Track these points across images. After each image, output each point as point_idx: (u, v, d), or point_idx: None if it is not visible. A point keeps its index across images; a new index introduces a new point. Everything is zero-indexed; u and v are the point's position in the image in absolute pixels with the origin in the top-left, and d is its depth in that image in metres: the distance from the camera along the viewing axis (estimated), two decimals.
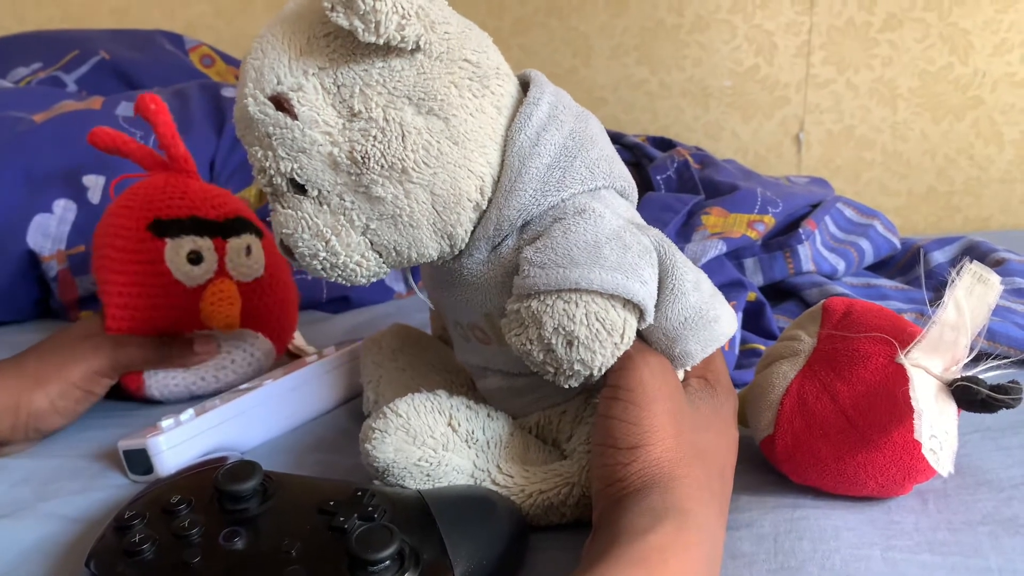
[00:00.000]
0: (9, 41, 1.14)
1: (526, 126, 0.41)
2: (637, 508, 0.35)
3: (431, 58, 0.39)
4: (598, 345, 0.38)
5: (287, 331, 0.66)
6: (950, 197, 1.19)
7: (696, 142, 1.24)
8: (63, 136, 0.81)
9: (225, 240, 0.60)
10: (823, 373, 0.44)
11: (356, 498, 0.39)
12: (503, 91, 0.42)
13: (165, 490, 0.40)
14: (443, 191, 0.40)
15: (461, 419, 0.44)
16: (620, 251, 0.38)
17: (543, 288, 0.38)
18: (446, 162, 0.39)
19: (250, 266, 0.61)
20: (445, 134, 0.39)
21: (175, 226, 0.59)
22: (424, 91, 0.39)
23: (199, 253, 0.59)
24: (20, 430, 0.53)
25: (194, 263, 0.59)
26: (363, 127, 0.39)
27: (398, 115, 0.39)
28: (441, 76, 0.39)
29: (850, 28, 1.17)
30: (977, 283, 0.41)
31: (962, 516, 0.43)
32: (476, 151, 0.40)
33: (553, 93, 0.43)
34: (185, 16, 1.42)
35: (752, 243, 0.75)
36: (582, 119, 0.43)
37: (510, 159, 0.41)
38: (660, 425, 0.37)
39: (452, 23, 0.41)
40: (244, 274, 0.61)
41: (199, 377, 0.61)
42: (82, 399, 0.56)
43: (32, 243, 0.77)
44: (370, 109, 0.39)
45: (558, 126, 0.42)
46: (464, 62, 0.40)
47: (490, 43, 0.43)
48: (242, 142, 0.42)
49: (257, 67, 0.39)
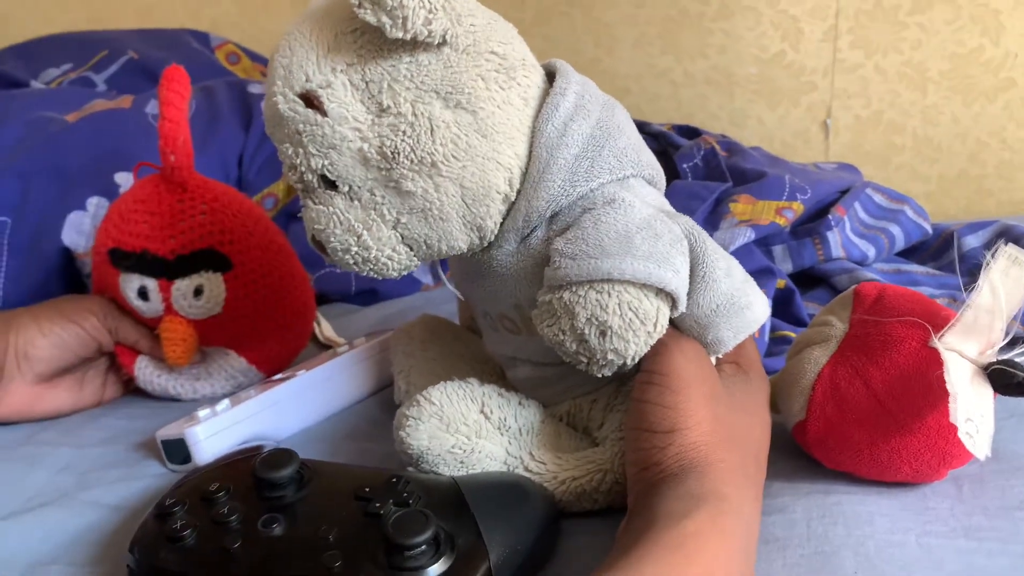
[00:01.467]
0: (39, 43, 1.16)
1: (553, 117, 0.41)
2: (674, 492, 0.35)
3: (458, 51, 0.39)
4: (631, 334, 0.38)
5: (278, 348, 0.64)
6: (982, 181, 1.17)
7: (721, 130, 1.23)
8: (95, 134, 0.83)
9: (170, 281, 0.58)
10: (855, 358, 0.44)
11: (391, 484, 0.39)
12: (529, 82, 0.42)
13: (204, 478, 0.41)
14: (472, 184, 0.40)
15: (493, 407, 0.44)
16: (651, 240, 0.38)
17: (575, 279, 0.38)
18: (475, 155, 0.40)
19: (200, 307, 0.59)
20: (473, 127, 0.40)
21: (125, 260, 0.59)
22: (452, 85, 0.39)
23: (146, 290, 0.59)
24: (11, 356, 0.55)
25: (143, 299, 0.59)
26: (392, 122, 0.39)
27: (426, 109, 0.39)
28: (468, 69, 0.40)
29: (878, 11, 1.15)
30: (1012, 265, 0.41)
31: (998, 501, 0.42)
32: (504, 143, 0.40)
33: (579, 83, 0.43)
34: (210, 14, 1.43)
35: (781, 230, 0.75)
36: (608, 108, 0.43)
37: (538, 150, 0.41)
38: (696, 409, 0.38)
39: (478, 15, 0.41)
40: (194, 315, 0.59)
41: (178, 383, 0.61)
42: (68, 327, 0.58)
43: (67, 240, 0.79)
44: (399, 104, 0.39)
45: (585, 116, 0.42)
46: (490, 54, 0.41)
47: (515, 34, 0.43)
48: (272, 139, 0.42)
49: (286, 65, 0.40)
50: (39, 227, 0.78)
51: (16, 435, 0.57)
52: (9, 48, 1.13)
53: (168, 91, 0.57)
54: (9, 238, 0.78)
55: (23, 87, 1.03)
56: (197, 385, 0.61)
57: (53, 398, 0.59)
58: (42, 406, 0.58)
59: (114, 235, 0.59)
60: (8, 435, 0.57)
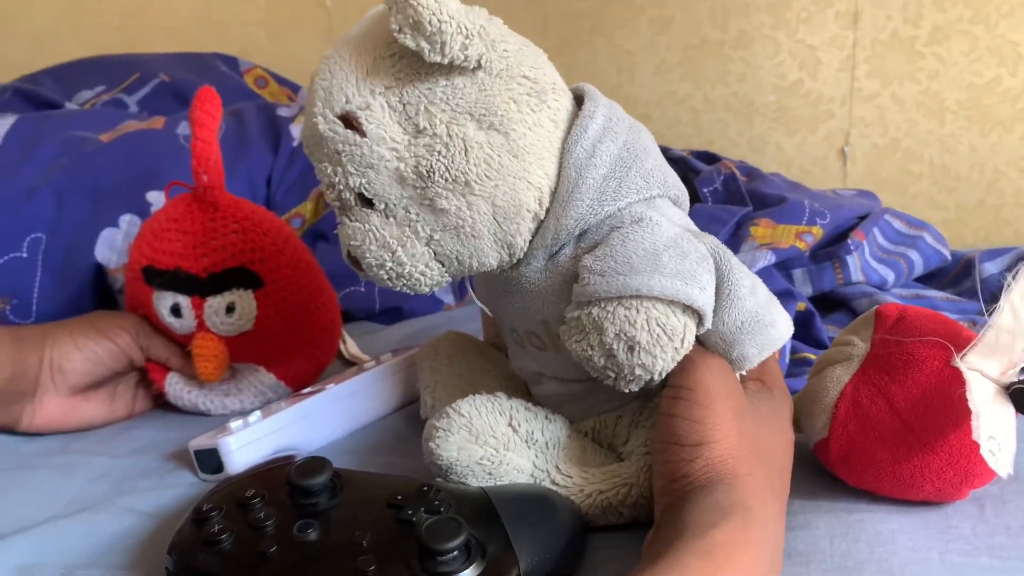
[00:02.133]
0: (74, 66, 1.19)
1: (582, 138, 0.42)
2: (702, 504, 0.36)
3: (491, 75, 0.41)
4: (659, 350, 0.39)
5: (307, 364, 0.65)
6: (1000, 210, 1.18)
7: (740, 156, 1.24)
8: (128, 154, 0.85)
9: (203, 299, 0.59)
10: (877, 377, 0.45)
11: (422, 493, 0.40)
12: (559, 105, 0.43)
13: (239, 485, 0.42)
14: (504, 202, 0.41)
15: (521, 420, 0.45)
16: (679, 258, 0.39)
17: (604, 295, 0.39)
18: (507, 175, 0.41)
19: (232, 323, 0.60)
20: (505, 148, 0.41)
21: (159, 278, 0.60)
22: (485, 107, 0.41)
23: (179, 307, 0.60)
24: (45, 369, 0.57)
25: (176, 315, 0.60)
26: (428, 143, 0.40)
27: (461, 131, 0.40)
28: (501, 92, 0.41)
29: (895, 41, 1.16)
30: None
31: (1020, 520, 0.43)
32: (535, 163, 0.42)
33: (607, 106, 0.45)
34: (239, 39, 1.46)
35: (800, 254, 0.75)
36: (635, 131, 0.45)
37: (567, 170, 0.42)
38: (723, 423, 0.38)
39: (510, 41, 0.43)
40: (225, 331, 0.61)
41: (208, 398, 0.63)
42: (102, 342, 0.59)
43: (100, 256, 0.81)
44: (434, 126, 0.40)
45: (612, 138, 0.43)
46: (522, 78, 0.42)
47: (545, 59, 0.45)
48: (311, 159, 0.44)
49: (326, 87, 0.41)
50: (73, 243, 0.80)
51: (51, 445, 0.58)
52: (46, 70, 1.16)
53: (200, 112, 0.59)
54: (44, 254, 0.80)
55: (58, 108, 1.06)
56: (227, 401, 0.63)
57: (86, 410, 0.60)
58: (76, 417, 0.60)
59: (147, 253, 0.61)
60: (44, 444, 0.58)
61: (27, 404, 0.57)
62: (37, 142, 0.86)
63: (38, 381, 0.57)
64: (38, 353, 0.57)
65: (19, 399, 0.57)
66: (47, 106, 1.07)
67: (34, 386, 0.57)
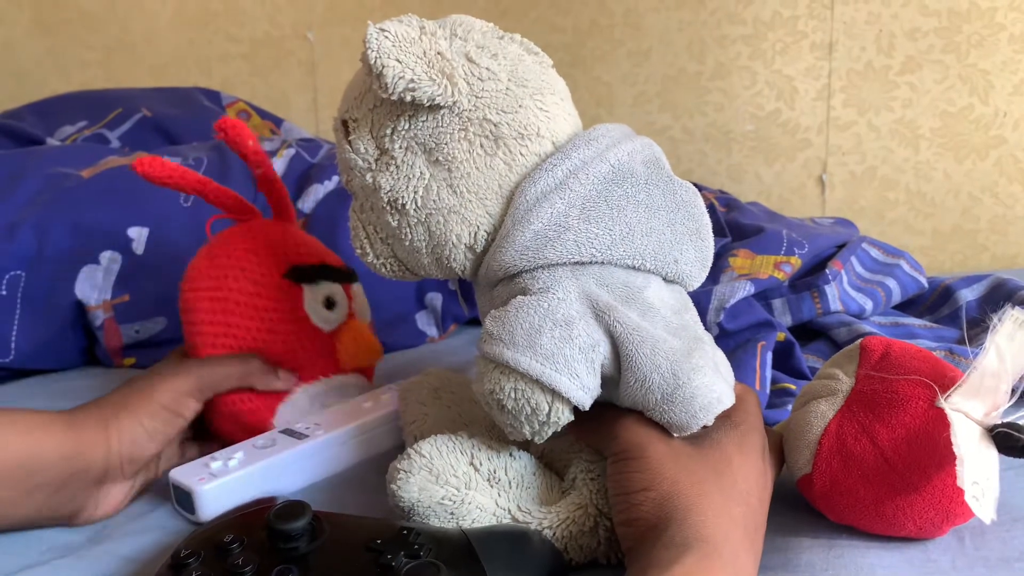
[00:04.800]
0: (56, 101, 1.20)
1: (528, 190, 0.44)
2: (659, 542, 0.37)
3: (453, 114, 0.44)
4: (523, 418, 0.42)
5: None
6: (976, 235, 1.20)
7: (720, 185, 1.25)
8: (109, 190, 0.85)
9: (350, 285, 0.64)
10: (862, 415, 0.45)
11: (402, 536, 0.40)
12: (527, 151, 0.45)
13: (218, 529, 0.42)
14: (436, 231, 0.45)
15: (483, 458, 0.45)
16: (560, 341, 0.41)
17: (485, 356, 0.42)
18: (442, 207, 0.45)
19: (365, 309, 0.66)
20: (446, 182, 0.45)
21: (310, 272, 0.61)
22: (436, 142, 0.44)
23: (333, 299, 0.62)
24: (115, 460, 0.51)
25: (329, 308, 0.62)
26: (386, 162, 0.46)
27: (411, 159, 0.45)
28: (456, 132, 0.44)
29: (869, 71, 1.19)
30: (1019, 329, 0.42)
31: (999, 553, 0.43)
32: (475, 201, 0.45)
33: (586, 159, 0.44)
34: (223, 72, 1.47)
35: (779, 284, 0.76)
36: (615, 186, 0.43)
37: (507, 218, 0.44)
38: (660, 467, 0.40)
39: (499, 82, 0.44)
40: (364, 316, 0.65)
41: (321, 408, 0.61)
42: (171, 420, 0.54)
43: (80, 293, 0.80)
44: (393, 150, 0.45)
45: (564, 194, 0.43)
46: (485, 121, 0.44)
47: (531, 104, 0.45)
48: None
49: (344, 94, 0.48)
50: (53, 280, 0.80)
51: None
52: (28, 106, 1.16)
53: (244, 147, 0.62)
54: (23, 291, 0.79)
55: (40, 143, 1.06)
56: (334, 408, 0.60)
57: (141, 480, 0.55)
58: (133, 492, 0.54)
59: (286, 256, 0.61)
60: None
61: (90, 498, 0.51)
62: (18, 179, 0.86)
63: (106, 474, 0.51)
64: (103, 444, 0.50)
65: (79, 495, 0.50)
66: (29, 142, 1.07)
67: (100, 480, 0.51)
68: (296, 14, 1.45)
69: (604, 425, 0.44)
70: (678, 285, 0.47)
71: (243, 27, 1.47)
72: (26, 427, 0.48)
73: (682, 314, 0.46)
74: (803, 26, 1.20)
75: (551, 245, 0.42)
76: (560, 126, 0.46)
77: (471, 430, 0.48)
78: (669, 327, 0.43)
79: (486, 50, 0.45)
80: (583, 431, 0.45)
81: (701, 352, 0.43)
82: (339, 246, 0.86)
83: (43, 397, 0.74)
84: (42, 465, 0.47)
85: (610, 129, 0.47)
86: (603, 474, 0.44)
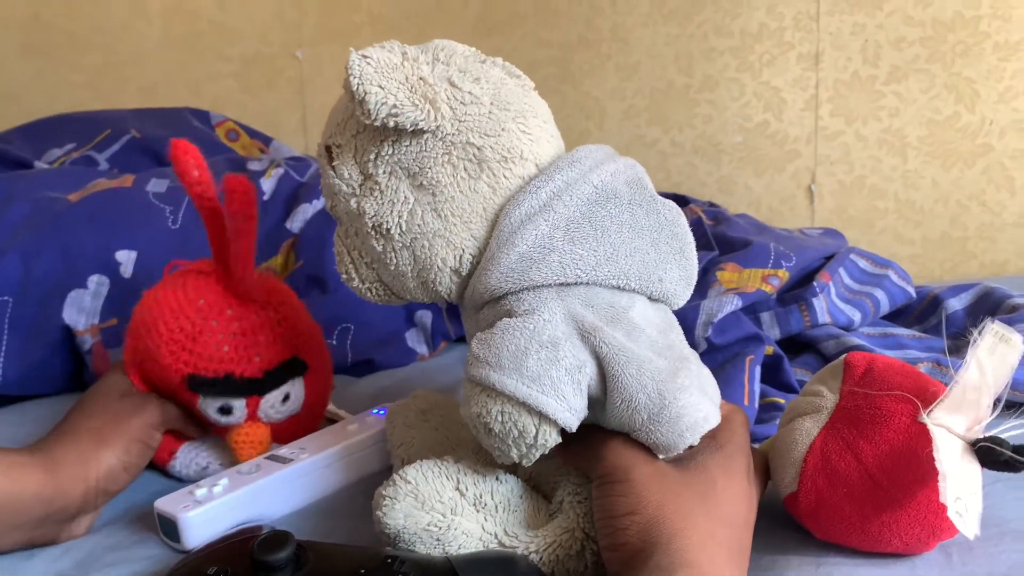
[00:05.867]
0: (44, 124, 1.19)
1: (512, 213, 0.44)
2: (646, 568, 0.37)
3: (437, 138, 0.44)
4: (511, 440, 0.41)
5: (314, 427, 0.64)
6: (964, 243, 1.20)
7: (710, 197, 1.26)
8: (97, 214, 0.85)
9: (261, 396, 0.58)
10: (846, 431, 0.45)
11: (386, 565, 0.40)
12: (510, 174, 0.45)
13: (202, 560, 0.42)
14: (421, 254, 0.45)
15: (468, 483, 0.45)
16: (546, 363, 0.41)
17: (472, 379, 0.42)
18: (427, 231, 0.45)
19: (285, 411, 0.60)
20: (431, 206, 0.45)
21: (208, 387, 0.56)
22: (420, 166, 0.44)
23: (229, 407, 0.58)
24: (91, 495, 0.52)
25: (225, 413, 0.58)
26: (370, 187, 0.46)
27: (396, 183, 0.45)
28: (439, 156, 0.44)
29: (856, 81, 1.19)
30: (999, 343, 0.42)
31: (986, 567, 0.43)
32: (460, 225, 0.45)
33: (570, 181, 0.44)
34: (212, 91, 1.48)
35: (767, 297, 0.76)
36: (599, 207, 0.43)
37: (492, 241, 0.44)
38: (644, 491, 0.40)
39: (481, 106, 0.45)
40: (277, 419, 0.60)
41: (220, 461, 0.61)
42: (143, 452, 0.55)
43: (67, 318, 0.80)
44: (377, 175, 0.45)
45: (549, 216, 0.43)
46: (468, 144, 0.44)
47: (514, 127, 0.45)
48: None
49: (328, 120, 0.48)
50: (40, 305, 0.80)
51: None
52: (15, 129, 1.16)
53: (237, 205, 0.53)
54: (10, 317, 0.79)
55: (27, 167, 1.06)
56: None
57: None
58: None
59: (189, 360, 0.56)
60: None
61: (63, 531, 0.52)
62: (6, 203, 0.86)
63: (80, 508, 0.52)
64: (81, 483, 0.51)
65: (53, 529, 0.51)
66: (16, 165, 1.07)
67: (74, 513, 0.52)
68: (285, 33, 1.45)
69: (590, 447, 0.44)
70: (663, 304, 0.47)
71: (233, 46, 1.47)
72: (5, 468, 0.48)
73: (667, 333, 0.46)
74: (790, 37, 1.21)
75: (536, 267, 0.42)
76: (543, 148, 0.47)
77: (457, 454, 0.48)
78: (655, 347, 0.43)
79: (468, 74, 0.45)
80: (569, 453, 0.45)
81: (687, 372, 0.43)
82: (326, 267, 0.87)
83: (31, 423, 0.74)
84: (22, 507, 0.48)
85: (593, 150, 0.47)
86: (590, 497, 0.44)
